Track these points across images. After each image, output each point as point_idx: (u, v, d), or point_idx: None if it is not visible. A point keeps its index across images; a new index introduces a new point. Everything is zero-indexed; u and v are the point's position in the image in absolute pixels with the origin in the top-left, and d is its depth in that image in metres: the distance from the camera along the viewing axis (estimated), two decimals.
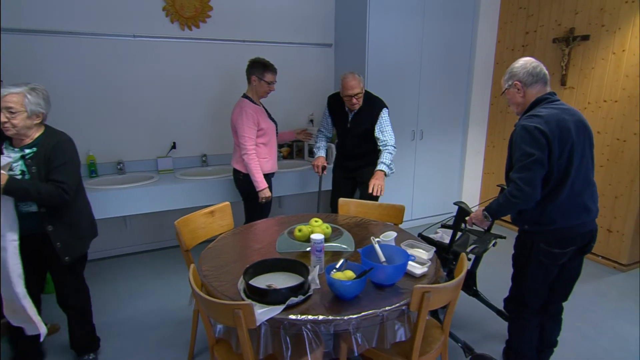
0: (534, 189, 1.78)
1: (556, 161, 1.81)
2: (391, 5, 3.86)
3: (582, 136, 1.87)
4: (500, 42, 4.57)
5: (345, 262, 1.72)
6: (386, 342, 1.60)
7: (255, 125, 2.94)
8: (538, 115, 1.83)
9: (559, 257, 1.92)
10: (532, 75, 1.90)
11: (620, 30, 3.57)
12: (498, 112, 4.67)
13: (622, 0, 3.53)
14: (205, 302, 1.60)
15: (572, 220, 1.87)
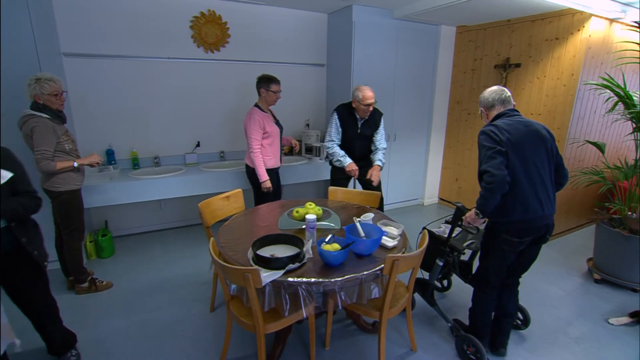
0: (503, 171, 1.69)
1: (510, 160, 1.75)
2: (371, 37, 3.80)
3: (537, 143, 1.80)
4: (455, 66, 4.52)
5: (332, 237, 1.71)
6: (364, 298, 1.60)
7: (261, 129, 2.89)
8: (493, 124, 1.84)
9: (517, 245, 1.86)
10: (489, 102, 1.94)
11: (542, 61, 3.57)
12: (454, 121, 4.64)
13: (543, 39, 3.53)
14: (222, 267, 1.58)
15: (528, 214, 1.79)
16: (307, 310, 1.63)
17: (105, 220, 3.46)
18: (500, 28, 3.92)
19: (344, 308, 2.03)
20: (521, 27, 3.72)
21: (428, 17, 3.83)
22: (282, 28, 3.89)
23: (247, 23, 3.70)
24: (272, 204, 2.55)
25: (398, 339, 2.24)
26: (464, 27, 4.30)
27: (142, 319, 2.39)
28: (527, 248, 1.92)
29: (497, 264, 1.94)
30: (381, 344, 1.84)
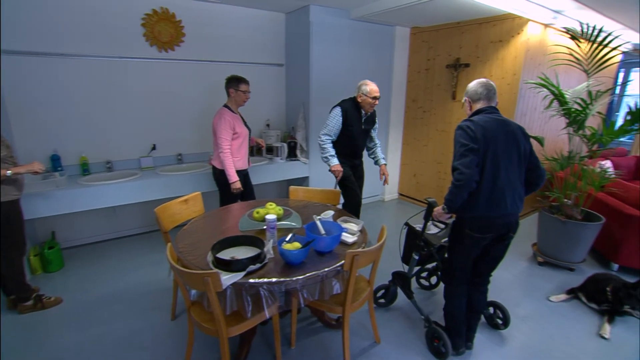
0: (472, 170, 1.71)
1: (481, 157, 1.76)
2: (329, 37, 3.85)
3: (509, 143, 1.81)
4: (410, 66, 4.69)
5: (293, 235, 1.72)
6: (326, 295, 1.62)
7: (231, 129, 2.85)
8: (470, 120, 1.84)
9: (479, 240, 1.87)
10: (477, 94, 1.92)
11: (489, 61, 3.81)
12: (410, 118, 4.82)
13: (489, 41, 3.77)
14: (180, 273, 1.55)
15: (491, 211, 1.79)
16: (270, 310, 1.62)
17: (52, 231, 3.22)
18: (450, 30, 4.12)
19: (307, 306, 2.05)
20: (469, 29, 3.93)
21: (383, 18, 3.94)
22: (239, 27, 3.82)
23: (203, 22, 3.60)
24: (231, 205, 2.51)
25: (363, 332, 2.30)
26: (418, 28, 4.47)
27: (97, 333, 2.26)
28: (492, 245, 1.93)
29: (462, 259, 1.97)
30: (345, 339, 1.89)
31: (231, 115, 2.89)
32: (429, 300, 2.66)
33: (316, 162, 4.14)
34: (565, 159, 3.19)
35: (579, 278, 2.87)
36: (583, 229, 3.02)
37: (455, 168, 1.76)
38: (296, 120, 4.06)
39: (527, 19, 3.41)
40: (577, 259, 3.15)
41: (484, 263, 2.02)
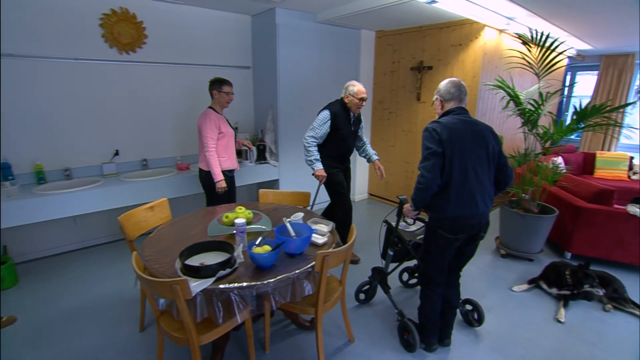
0: (434, 174, 1.75)
1: (448, 158, 1.77)
2: (296, 39, 3.86)
3: (478, 144, 1.82)
4: (376, 69, 4.80)
5: (263, 239, 1.71)
6: (297, 297, 1.63)
7: (217, 129, 2.84)
8: (438, 122, 1.84)
9: (452, 241, 1.88)
10: (449, 94, 1.91)
11: (450, 64, 3.98)
12: (377, 119, 4.92)
13: (449, 44, 3.94)
14: (147, 282, 1.50)
15: (461, 211, 1.81)
16: (242, 315, 1.61)
17: (4, 245, 3.01)
18: (413, 34, 4.26)
19: (280, 309, 2.04)
20: (431, 33, 4.09)
21: (349, 21, 4.01)
22: (204, 29, 3.75)
23: (166, 23, 3.50)
24: (200, 210, 2.46)
25: (337, 332, 2.32)
26: (382, 31, 4.59)
27: (59, 351, 2.13)
28: (465, 245, 1.95)
29: (438, 261, 1.98)
30: (319, 339, 1.90)
31: (216, 115, 2.89)
32: (410, 299, 2.69)
33: (286, 165, 4.14)
34: (522, 156, 3.39)
35: (538, 268, 3.06)
36: (540, 221, 3.22)
37: (419, 170, 1.81)
38: (265, 123, 4.04)
39: (484, 24, 3.60)
40: (535, 250, 3.35)
41: (456, 261, 2.06)
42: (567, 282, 2.69)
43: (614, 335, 2.36)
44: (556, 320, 2.49)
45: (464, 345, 2.22)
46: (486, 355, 2.16)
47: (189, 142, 3.90)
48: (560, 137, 3.19)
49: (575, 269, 2.70)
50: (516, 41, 3.69)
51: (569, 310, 2.61)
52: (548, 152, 3.38)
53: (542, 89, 3.26)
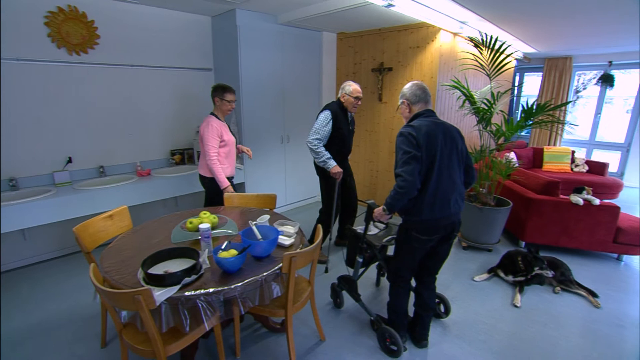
0: (414, 178, 1.74)
1: (424, 161, 1.79)
2: (257, 41, 3.83)
3: (449, 146, 1.85)
4: (338, 70, 4.88)
5: (229, 243, 1.69)
6: (266, 299, 1.62)
7: (219, 137, 2.81)
8: (411, 125, 1.84)
9: (426, 242, 1.91)
10: (415, 96, 1.92)
11: (409, 65, 4.13)
12: None
13: (408, 46, 4.09)
14: (106, 294, 1.44)
15: (436, 213, 1.83)
16: (210, 322, 1.58)
17: None
18: (373, 36, 4.37)
19: (250, 312, 2.03)
20: (390, 35, 4.22)
21: (310, 23, 4.05)
22: (162, 30, 3.63)
23: (120, 23, 3.35)
24: (163, 217, 2.37)
25: (308, 332, 2.33)
26: (343, 34, 4.67)
27: None
28: (438, 245, 1.98)
29: (409, 260, 2.01)
30: (290, 340, 1.91)
31: (218, 122, 2.84)
32: (376, 299, 2.73)
33: (252, 168, 4.10)
34: (479, 153, 3.58)
35: (496, 257, 3.24)
36: (496, 213, 3.42)
37: (398, 175, 1.77)
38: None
39: (439, 27, 3.77)
40: (493, 241, 3.56)
41: (432, 262, 2.07)
42: (520, 267, 2.88)
43: (563, 314, 2.56)
44: (513, 305, 2.66)
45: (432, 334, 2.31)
46: (451, 343, 2.26)
47: (149, 147, 3.76)
48: (512, 133, 3.41)
49: (526, 254, 2.91)
50: (469, 44, 3.90)
51: (524, 295, 2.80)
52: (501, 148, 3.60)
53: (494, 89, 3.47)
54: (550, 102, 3.27)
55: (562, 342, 2.27)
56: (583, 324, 2.46)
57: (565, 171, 5.59)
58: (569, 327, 2.42)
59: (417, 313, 2.20)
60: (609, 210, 3.24)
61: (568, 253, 3.49)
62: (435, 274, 2.16)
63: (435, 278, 2.19)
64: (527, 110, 3.28)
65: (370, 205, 2.04)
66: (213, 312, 1.55)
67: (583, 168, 5.63)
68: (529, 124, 3.37)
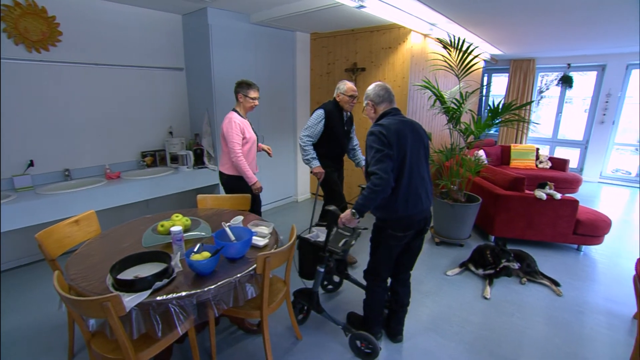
0: (389, 176, 1.77)
1: (395, 160, 1.81)
2: (230, 40, 3.79)
3: (417, 142, 1.90)
4: (312, 70, 4.89)
5: (201, 245, 1.67)
6: (240, 301, 1.61)
7: (242, 133, 2.77)
8: (381, 124, 1.86)
9: (402, 239, 1.95)
10: (379, 97, 1.96)
11: (382, 66, 4.21)
12: None
13: (380, 47, 4.17)
14: (72, 302, 1.38)
15: (409, 210, 1.87)
16: (184, 326, 1.55)
17: None
18: (346, 36, 4.41)
19: (225, 315, 2.01)
20: (363, 36, 4.27)
21: (283, 23, 4.04)
22: (131, 28, 3.51)
23: (85, 20, 3.21)
24: (134, 221, 2.30)
25: (285, 331, 2.33)
26: (317, 34, 4.69)
27: None
28: (412, 241, 2.02)
29: (386, 258, 2.03)
30: (266, 341, 1.90)
31: (240, 119, 2.80)
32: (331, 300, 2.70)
33: None
34: (449, 151, 3.70)
35: (467, 252, 3.36)
36: (467, 209, 3.54)
37: (373, 173, 1.78)
38: (201, 126, 3.91)
39: (410, 29, 3.86)
40: (464, 236, 3.68)
41: (406, 258, 2.11)
42: (489, 260, 3.00)
43: (528, 304, 2.70)
44: (483, 298, 2.77)
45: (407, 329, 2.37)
46: (426, 336, 2.33)
47: (118, 149, 3.63)
48: (480, 132, 3.54)
49: (494, 248, 3.04)
50: (438, 45, 4.01)
51: (494, 287, 2.92)
52: (471, 146, 3.74)
53: (463, 89, 3.59)
54: (515, 102, 3.43)
55: (527, 330, 2.39)
56: (546, 312, 2.60)
57: (531, 167, 5.86)
58: (533, 316, 2.55)
59: (393, 309, 2.25)
60: (569, 204, 3.43)
61: (533, 245, 3.67)
62: (410, 269, 2.20)
63: (410, 275, 2.24)
64: (493, 109, 3.42)
65: (334, 213, 1.95)
66: (186, 316, 1.52)
67: (547, 164, 5.93)
68: (495, 122, 3.51)
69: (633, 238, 4.03)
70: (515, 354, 2.17)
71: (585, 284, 3.01)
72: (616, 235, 4.04)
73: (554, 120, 6.95)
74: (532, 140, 7.25)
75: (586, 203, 4.74)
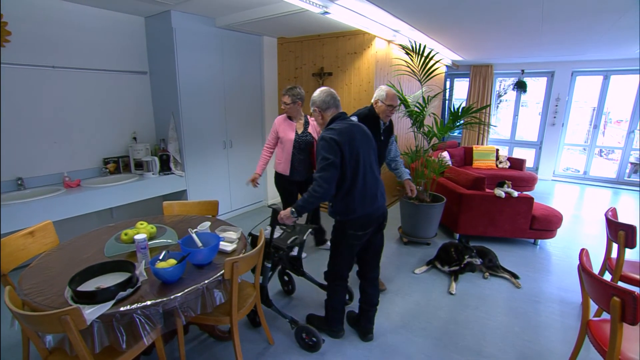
0: (330, 186, 1.83)
1: (348, 163, 1.86)
2: (195, 44, 3.73)
3: (367, 144, 1.98)
4: (280, 74, 4.91)
5: (167, 253, 1.64)
6: (208, 307, 1.60)
7: (274, 132, 3.09)
8: (333, 129, 1.90)
9: (362, 237, 2.02)
10: (325, 103, 1.99)
11: (348, 70, 4.30)
12: None
13: (346, 52, 4.26)
14: (27, 318, 1.32)
15: (367, 208, 1.95)
16: (150, 336, 1.51)
17: None
18: (313, 41, 4.47)
19: (195, 323, 1.97)
20: (329, 41, 4.35)
21: (249, 28, 4.04)
22: (89, 29, 3.36)
23: (37, 19, 3.04)
24: (95, 230, 2.21)
25: (256, 337, 2.32)
26: (284, 38, 4.71)
27: None
28: (372, 237, 2.11)
29: (347, 257, 2.10)
30: (236, 347, 1.88)
31: (280, 119, 3.10)
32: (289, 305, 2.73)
33: (194, 174, 3.97)
34: (414, 153, 3.83)
35: (434, 250, 3.48)
36: (432, 209, 3.68)
37: (315, 179, 1.85)
38: (166, 132, 3.81)
39: (374, 35, 3.97)
40: (431, 235, 3.82)
41: (370, 255, 2.18)
42: (453, 257, 3.14)
43: (490, 297, 2.84)
44: (449, 293, 2.89)
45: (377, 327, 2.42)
46: (395, 333, 2.39)
47: (78, 156, 3.46)
48: (442, 134, 3.70)
49: (457, 245, 3.19)
50: (402, 51, 4.16)
51: (459, 283, 3.05)
52: (434, 148, 3.89)
53: (425, 93, 3.73)
54: (474, 105, 3.61)
55: (489, 322, 2.52)
56: (506, 304, 2.75)
57: (492, 167, 6.17)
58: (495, 308, 2.69)
59: (363, 309, 2.30)
60: (525, 201, 3.66)
61: (494, 241, 3.87)
62: (376, 267, 2.27)
63: (377, 275, 2.29)
64: (453, 113, 3.58)
65: (275, 210, 2.04)
66: (153, 326, 1.49)
67: (506, 164, 6.27)
68: (456, 125, 3.68)
69: (582, 231, 4.35)
70: (478, 345, 2.29)
71: (541, 275, 3.21)
72: (568, 228, 4.34)
73: (511, 123, 7.36)
74: (493, 141, 7.64)
75: (541, 200, 5.06)
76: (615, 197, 5.97)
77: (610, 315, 1.50)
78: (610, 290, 1.49)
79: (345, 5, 3.02)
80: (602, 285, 1.56)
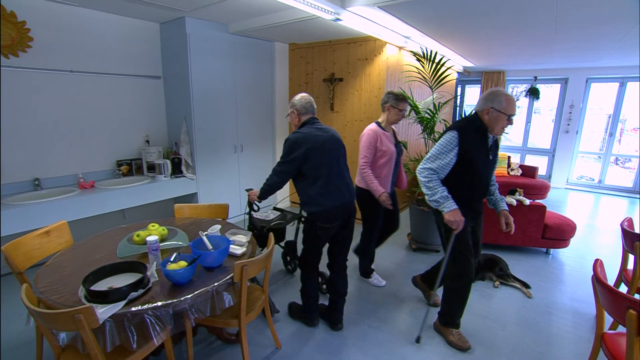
0: (282, 180, 2.17)
1: (311, 160, 2.09)
2: (208, 49, 3.80)
3: (334, 146, 2.20)
4: (291, 80, 4.96)
5: (178, 255, 1.66)
6: (217, 310, 1.61)
7: (374, 147, 2.68)
8: (300, 132, 2.14)
9: (329, 229, 2.21)
10: (304, 108, 2.21)
11: (358, 76, 4.32)
12: None
13: (357, 58, 4.28)
14: (42, 316, 1.35)
15: (333, 202, 2.14)
16: (160, 337, 1.53)
17: None
18: (324, 47, 4.51)
19: (204, 325, 1.99)
20: (340, 47, 4.38)
21: (261, 34, 4.09)
22: (106, 35, 3.46)
23: (58, 26, 3.14)
24: (108, 231, 2.26)
25: (264, 340, 2.33)
26: (295, 44, 4.76)
27: None
28: (339, 232, 2.29)
29: (315, 248, 2.30)
30: (244, 350, 1.89)
31: (379, 132, 2.70)
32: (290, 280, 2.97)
33: (204, 177, 4.02)
34: None
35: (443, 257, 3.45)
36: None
37: (272, 171, 2.20)
38: (179, 135, 3.88)
39: (385, 41, 3.99)
40: (440, 242, 3.78)
41: (337, 248, 2.38)
42: None
43: (501, 306, 2.80)
44: None
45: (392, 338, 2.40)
46: (405, 343, 2.37)
47: (92, 157, 3.55)
48: None
49: None
50: (413, 57, 4.16)
51: None
52: None
53: (436, 99, 3.73)
54: None
55: (499, 332, 2.48)
56: (518, 314, 2.70)
57: (503, 175, 6.10)
58: (505, 317, 2.65)
59: (332, 299, 2.46)
60: (537, 209, 3.60)
61: (506, 250, 3.81)
62: (343, 260, 2.43)
63: (345, 266, 2.46)
64: None
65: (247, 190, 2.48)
66: (162, 327, 1.51)
67: (517, 172, 6.18)
68: None
69: (597, 241, 4.26)
70: (488, 355, 2.25)
71: (553, 285, 3.15)
72: (582, 238, 4.26)
73: (523, 130, 7.28)
74: (504, 148, 7.56)
75: (554, 208, 4.97)
76: (632, 206, 5.83)
77: (626, 329, 1.47)
78: (626, 302, 1.46)
79: (357, 12, 3.04)
80: (617, 297, 1.53)
